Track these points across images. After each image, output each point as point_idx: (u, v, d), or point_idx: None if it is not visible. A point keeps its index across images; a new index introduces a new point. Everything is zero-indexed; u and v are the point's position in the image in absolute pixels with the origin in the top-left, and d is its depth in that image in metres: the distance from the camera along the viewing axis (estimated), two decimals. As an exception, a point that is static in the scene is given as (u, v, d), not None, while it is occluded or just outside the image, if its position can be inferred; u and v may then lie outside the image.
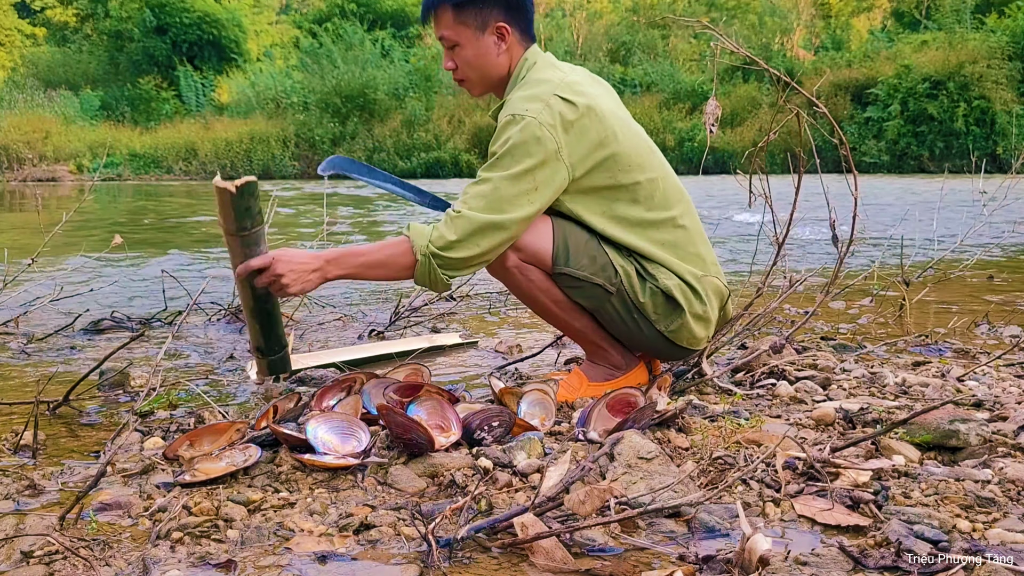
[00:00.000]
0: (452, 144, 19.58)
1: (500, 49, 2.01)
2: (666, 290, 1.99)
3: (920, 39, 20.07)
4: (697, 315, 2.04)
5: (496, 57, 2.01)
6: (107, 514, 1.41)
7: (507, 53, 2.02)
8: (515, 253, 1.96)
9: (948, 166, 13.65)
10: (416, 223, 1.95)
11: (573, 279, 1.98)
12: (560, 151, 1.89)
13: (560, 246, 1.96)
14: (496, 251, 1.91)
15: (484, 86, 2.08)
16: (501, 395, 1.95)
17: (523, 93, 1.93)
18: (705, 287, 2.05)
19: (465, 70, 2.04)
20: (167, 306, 3.50)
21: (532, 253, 1.96)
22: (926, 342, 2.82)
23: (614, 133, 1.95)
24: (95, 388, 2.23)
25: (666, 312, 2.01)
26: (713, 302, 2.07)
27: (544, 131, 1.86)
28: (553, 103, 1.89)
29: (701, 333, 2.07)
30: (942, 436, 1.65)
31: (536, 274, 1.99)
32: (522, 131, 1.87)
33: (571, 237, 1.98)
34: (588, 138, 1.92)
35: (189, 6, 24.80)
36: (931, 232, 5.71)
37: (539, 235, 1.96)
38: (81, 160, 18.96)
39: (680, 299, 2.00)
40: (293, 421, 1.82)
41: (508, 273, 2.00)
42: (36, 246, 3.31)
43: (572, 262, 1.96)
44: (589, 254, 1.97)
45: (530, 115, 1.87)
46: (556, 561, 1.23)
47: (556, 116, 1.88)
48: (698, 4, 25.28)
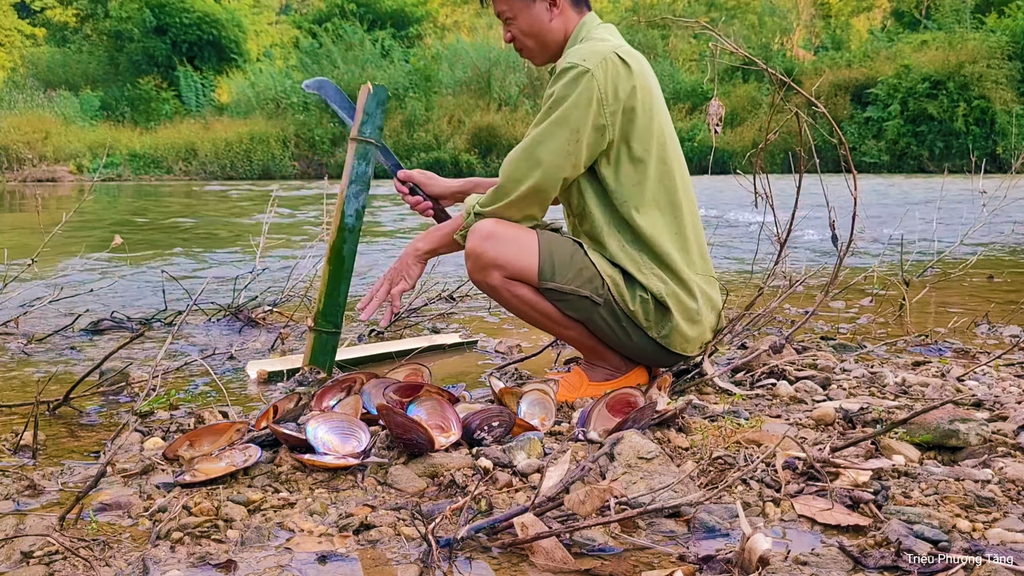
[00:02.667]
0: (452, 144, 19.57)
1: (553, 15, 2.05)
2: (658, 295, 1.99)
3: (920, 39, 20.07)
4: (690, 320, 2.04)
5: (549, 23, 2.06)
6: (107, 514, 1.41)
7: (560, 18, 2.06)
8: (499, 271, 1.97)
9: (948, 166, 13.66)
10: None
11: (560, 292, 1.98)
12: (606, 106, 1.91)
13: (545, 261, 1.97)
14: (535, 204, 1.98)
15: (544, 55, 2.12)
16: (501, 395, 1.95)
17: (582, 47, 1.97)
18: (700, 291, 2.05)
19: (522, 40, 2.09)
20: (167, 306, 3.50)
21: (518, 269, 1.97)
22: (926, 342, 2.82)
23: (656, 110, 2.00)
24: (95, 388, 2.23)
25: (657, 318, 2.02)
26: (705, 307, 2.07)
27: (595, 84, 1.89)
28: (611, 59, 1.92)
29: (693, 334, 2.06)
30: (942, 436, 1.65)
31: (523, 289, 2.00)
32: (574, 81, 1.90)
33: (556, 251, 1.98)
34: (636, 102, 1.95)
35: (189, 6, 24.80)
36: (931, 232, 5.71)
37: (524, 251, 1.97)
38: (81, 160, 18.95)
39: (671, 304, 2.00)
40: (293, 421, 1.82)
41: (495, 291, 2.01)
42: (36, 246, 3.31)
43: (558, 276, 1.97)
44: (575, 267, 1.98)
45: (586, 64, 1.90)
46: (556, 561, 1.23)
47: (611, 72, 1.91)
48: (698, 4, 25.28)
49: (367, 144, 2.30)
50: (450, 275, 4.34)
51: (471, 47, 22.74)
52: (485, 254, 1.97)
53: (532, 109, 20.71)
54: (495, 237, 1.97)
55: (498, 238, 1.97)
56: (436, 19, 29.28)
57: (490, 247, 1.96)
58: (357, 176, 2.30)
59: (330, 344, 2.34)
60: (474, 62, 21.69)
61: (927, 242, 5.59)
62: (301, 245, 5.93)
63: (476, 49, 22.33)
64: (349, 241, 2.30)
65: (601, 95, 1.90)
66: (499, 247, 1.97)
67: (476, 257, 1.99)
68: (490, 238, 1.97)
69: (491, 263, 1.97)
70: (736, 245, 6.15)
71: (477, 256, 1.98)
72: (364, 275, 4.79)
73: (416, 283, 2.18)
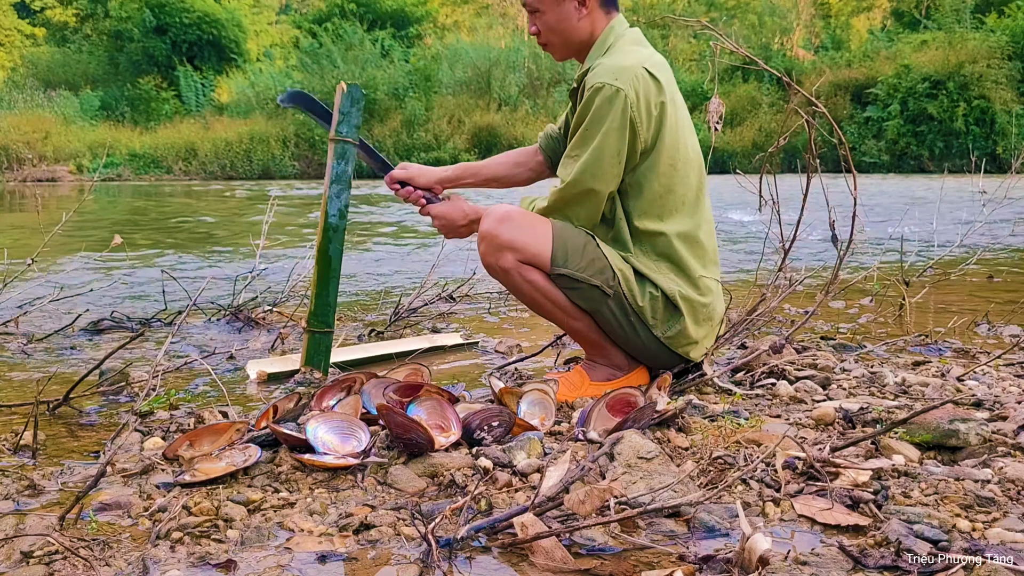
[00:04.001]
0: (452, 144, 19.57)
1: (581, 14, 2.06)
2: (669, 294, 2.01)
3: (920, 39, 20.07)
4: (698, 322, 2.06)
5: (577, 22, 2.06)
6: (107, 514, 1.41)
7: (588, 18, 2.07)
8: (513, 254, 1.98)
9: (948, 166, 13.66)
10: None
11: (571, 280, 1.99)
12: (640, 125, 1.95)
13: (559, 247, 1.98)
14: (589, 214, 2.04)
15: (566, 51, 2.14)
16: (501, 395, 1.95)
17: (611, 62, 1.99)
18: (710, 295, 2.08)
19: (547, 35, 2.10)
20: (167, 306, 3.50)
21: (532, 254, 1.98)
22: (926, 342, 2.82)
23: (681, 122, 2.05)
24: (95, 388, 2.23)
25: (665, 317, 2.03)
26: (713, 311, 2.10)
27: (629, 104, 1.92)
28: (641, 75, 1.95)
29: (698, 336, 2.08)
30: (942, 436, 1.65)
31: (535, 275, 2.01)
32: (608, 102, 1.93)
33: (570, 239, 1.99)
34: (665, 116, 1.99)
35: (189, 6, 24.79)
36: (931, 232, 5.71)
37: (538, 236, 1.98)
38: (81, 160, 18.95)
39: (682, 305, 2.02)
40: (293, 421, 1.82)
41: (507, 274, 2.01)
42: (36, 246, 3.31)
43: (571, 263, 1.98)
44: (588, 257, 1.99)
45: (618, 84, 1.92)
46: (556, 561, 1.23)
47: (643, 90, 1.94)
48: (698, 4, 25.27)
49: (345, 143, 2.33)
50: (450, 275, 4.34)
51: (471, 47, 22.75)
52: (500, 236, 1.98)
53: (532, 109, 20.71)
54: (510, 220, 2.00)
55: (513, 221, 1.99)
56: (436, 19, 29.28)
57: (505, 229, 1.98)
58: (337, 176, 2.34)
59: (323, 344, 2.38)
60: (474, 62, 21.71)
61: (927, 243, 5.59)
62: (301, 245, 5.93)
63: (476, 49, 22.34)
64: (335, 241, 2.34)
65: (634, 114, 1.94)
66: (513, 230, 1.98)
67: (491, 239, 2.00)
68: (505, 220, 1.99)
69: (506, 244, 1.98)
70: (734, 245, 6.14)
71: (492, 237, 1.99)
72: (363, 276, 4.80)
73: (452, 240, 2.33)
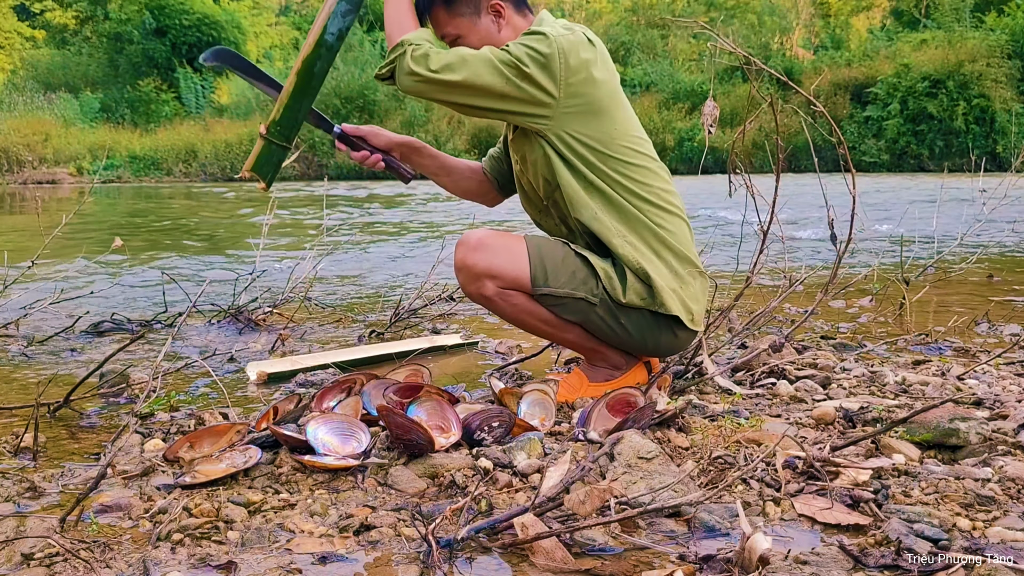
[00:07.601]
0: (452, 145, 19.57)
1: (500, 25, 2.04)
2: (640, 272, 1.95)
3: (919, 38, 20.07)
4: (675, 277, 2.00)
5: (499, 34, 2.04)
6: (107, 516, 1.41)
7: (508, 27, 2.05)
8: (492, 281, 1.94)
9: (948, 165, 13.64)
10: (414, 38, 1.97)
11: (555, 297, 1.96)
12: (561, 62, 1.89)
13: (537, 267, 1.94)
14: (447, 91, 1.91)
15: None
16: (501, 395, 1.95)
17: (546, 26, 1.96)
18: (676, 252, 2.02)
19: None
20: (167, 308, 3.50)
21: (511, 279, 1.94)
22: (926, 341, 2.82)
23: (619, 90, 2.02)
24: (95, 390, 2.23)
25: (648, 291, 1.97)
26: (685, 273, 2.02)
27: (553, 42, 1.88)
28: (577, 29, 1.94)
29: (685, 295, 2.00)
30: (942, 434, 1.65)
31: (519, 298, 1.97)
32: (530, 35, 1.91)
33: (547, 255, 1.96)
34: (596, 71, 1.94)
35: (188, 8, 24.79)
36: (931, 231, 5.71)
37: (515, 258, 1.94)
38: (81, 162, 18.95)
39: (653, 275, 1.96)
40: (293, 422, 1.82)
41: (490, 302, 1.98)
42: (36, 248, 3.31)
43: (551, 281, 1.94)
44: (568, 270, 1.96)
45: (551, 32, 1.90)
46: (556, 561, 1.23)
47: (573, 42, 1.91)
48: (697, 4, 25.29)
49: None
50: (450, 275, 4.33)
51: (470, 47, 22.73)
52: (476, 265, 1.94)
53: (532, 109, 20.69)
54: (484, 247, 1.94)
55: (487, 248, 1.94)
56: (436, 20, 29.25)
57: (480, 259, 1.93)
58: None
59: (276, 157, 2.20)
60: (474, 62, 21.68)
61: (926, 243, 5.59)
62: (301, 246, 5.93)
63: (476, 49, 22.32)
64: (324, 59, 2.08)
65: (560, 50, 1.89)
66: (489, 257, 1.94)
67: (468, 269, 1.95)
68: (479, 249, 1.94)
69: (484, 273, 1.94)
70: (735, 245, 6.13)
71: (468, 268, 1.95)
72: (364, 275, 4.80)
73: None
